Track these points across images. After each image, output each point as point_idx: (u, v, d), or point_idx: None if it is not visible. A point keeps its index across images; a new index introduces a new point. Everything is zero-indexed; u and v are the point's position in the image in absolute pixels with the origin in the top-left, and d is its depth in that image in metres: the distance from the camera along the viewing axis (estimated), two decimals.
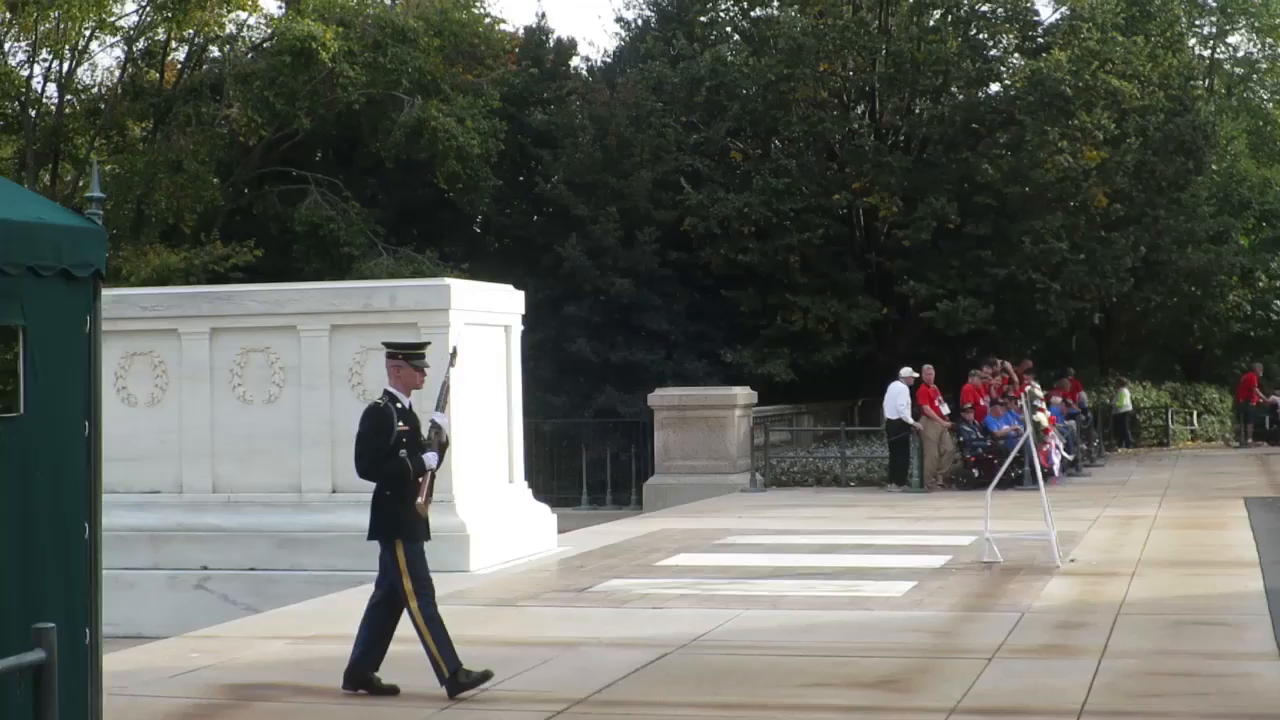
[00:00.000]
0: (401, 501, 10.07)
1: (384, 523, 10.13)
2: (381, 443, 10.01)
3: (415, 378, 10.26)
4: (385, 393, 10.24)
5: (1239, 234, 43.36)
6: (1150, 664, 10.65)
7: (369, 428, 10.09)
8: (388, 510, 10.12)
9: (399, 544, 10.04)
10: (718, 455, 28.55)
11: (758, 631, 12.40)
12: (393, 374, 10.26)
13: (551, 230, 36.03)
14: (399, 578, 10.00)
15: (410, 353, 10.35)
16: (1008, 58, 38.54)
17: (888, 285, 36.13)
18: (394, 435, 10.01)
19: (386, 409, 10.08)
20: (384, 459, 10.03)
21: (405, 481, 10.05)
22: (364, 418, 10.19)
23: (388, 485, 10.11)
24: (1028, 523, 18.39)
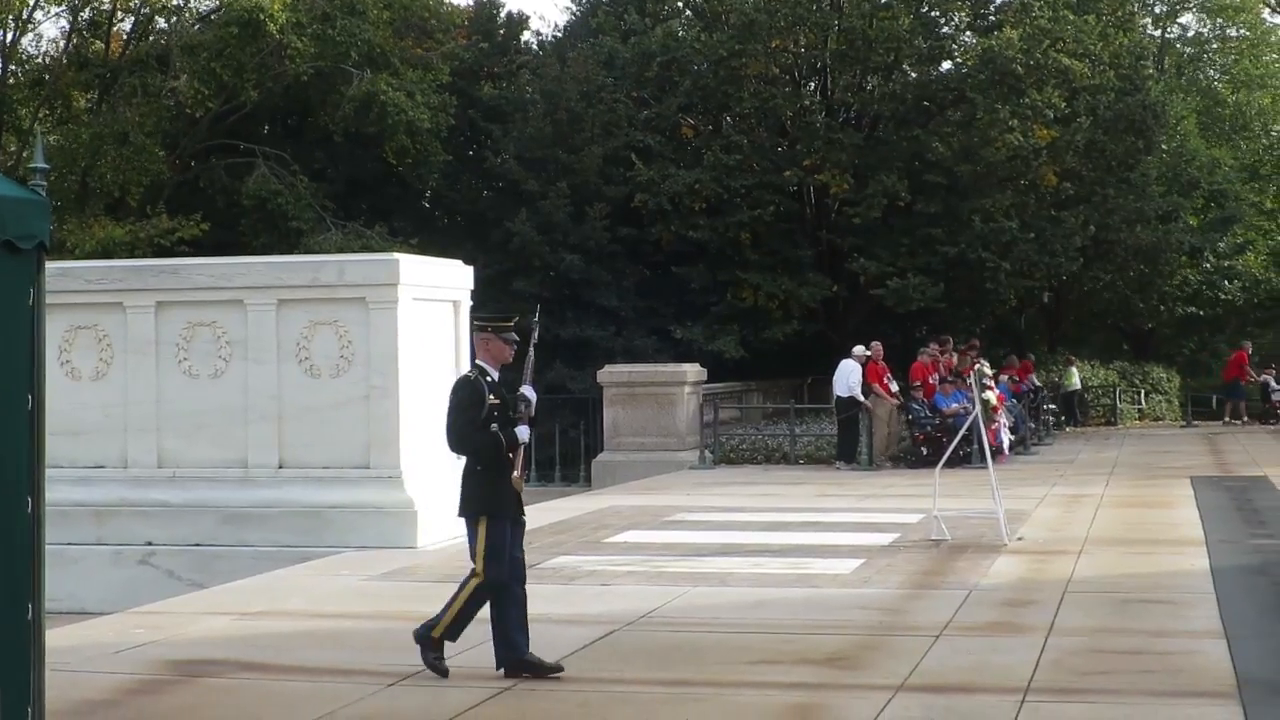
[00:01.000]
0: (491, 476, 9.80)
1: (472, 497, 9.87)
2: (473, 415, 9.71)
3: (504, 350, 9.96)
4: (475, 365, 9.97)
5: (1187, 213, 43.62)
6: (1096, 642, 10.66)
7: (460, 400, 9.79)
8: (477, 485, 9.86)
9: (483, 520, 9.77)
10: (667, 432, 28.52)
11: (706, 608, 12.37)
12: (481, 347, 9.95)
13: (501, 205, 35.90)
14: (475, 555, 9.78)
15: (499, 325, 10.00)
16: (959, 35, 38.60)
17: (838, 262, 36.16)
18: (485, 409, 9.74)
19: (478, 382, 9.80)
20: (476, 433, 9.74)
21: (497, 456, 9.79)
22: (455, 390, 9.91)
23: (478, 460, 9.84)
24: (976, 501, 18.45)
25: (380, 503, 16.47)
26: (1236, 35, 53.84)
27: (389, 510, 16.41)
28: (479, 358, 9.96)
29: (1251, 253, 47.39)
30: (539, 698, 9.37)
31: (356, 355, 16.74)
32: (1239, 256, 46.63)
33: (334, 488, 16.65)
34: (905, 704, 8.96)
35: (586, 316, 34.20)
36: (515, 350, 10.03)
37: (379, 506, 16.43)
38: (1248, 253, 47.18)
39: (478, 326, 10.05)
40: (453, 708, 9.06)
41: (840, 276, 36.12)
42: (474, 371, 9.90)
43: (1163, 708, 8.80)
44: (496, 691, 9.44)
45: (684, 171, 34.58)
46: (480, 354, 9.95)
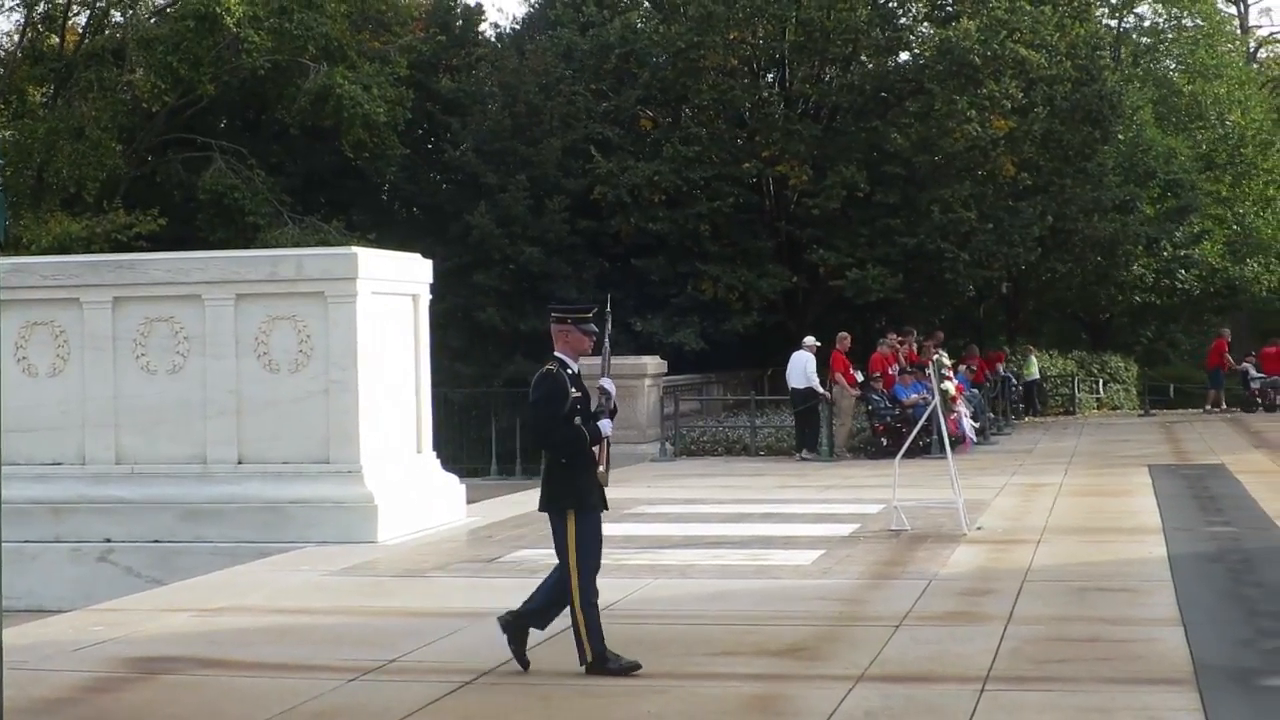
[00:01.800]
0: (576, 471, 9.67)
1: (557, 492, 9.71)
2: (557, 409, 9.57)
3: (583, 342, 9.83)
4: (554, 358, 9.75)
5: (1144, 203, 43.79)
6: (1055, 630, 10.72)
7: (543, 394, 9.64)
8: (562, 480, 9.71)
9: (571, 514, 9.62)
10: (627, 425, 28.46)
11: (666, 600, 12.39)
12: (560, 339, 9.81)
13: (460, 198, 35.83)
14: (565, 551, 9.64)
15: (579, 316, 9.90)
16: (917, 26, 38.63)
17: (797, 254, 36.20)
18: (568, 402, 9.62)
19: (559, 375, 9.63)
20: (560, 427, 9.61)
21: (581, 450, 9.66)
22: (537, 384, 9.73)
23: (562, 454, 9.69)
24: (935, 491, 18.53)
25: (340, 497, 16.43)
26: (1192, 25, 54.04)
27: (349, 505, 16.38)
28: (557, 349, 9.79)
29: (1208, 242, 47.61)
30: (500, 691, 9.38)
31: (315, 350, 16.70)
32: (1195, 246, 46.85)
33: (294, 483, 16.61)
34: (865, 694, 8.99)
35: (546, 309, 34.14)
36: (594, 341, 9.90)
37: (339, 501, 16.40)
38: (1204, 242, 47.40)
39: (556, 318, 9.89)
40: (413, 702, 9.05)
41: (800, 268, 36.16)
42: (554, 364, 9.70)
43: (1121, 695, 8.85)
44: (458, 685, 9.44)
45: (643, 164, 34.58)
46: (559, 346, 9.80)
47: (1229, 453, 25.74)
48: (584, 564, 9.59)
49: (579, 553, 9.59)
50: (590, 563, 9.64)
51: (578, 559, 9.58)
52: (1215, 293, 49.55)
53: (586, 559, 9.61)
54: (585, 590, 9.57)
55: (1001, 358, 39.33)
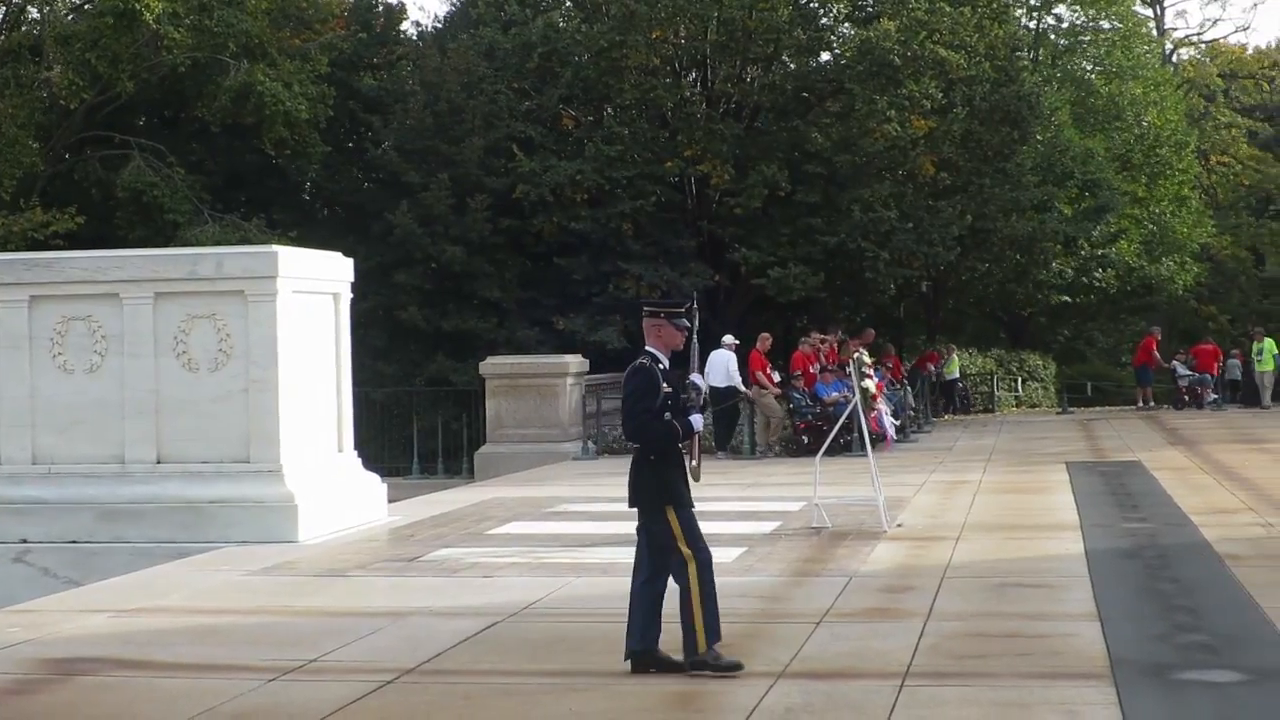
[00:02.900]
0: (668, 466, 9.59)
1: (650, 489, 9.60)
2: (650, 404, 9.48)
3: (676, 337, 9.71)
4: (647, 353, 9.67)
5: (1062, 203, 44.16)
6: (974, 626, 10.82)
7: (636, 388, 9.56)
8: (654, 475, 9.61)
9: (670, 510, 9.53)
10: (549, 423, 28.52)
11: (588, 599, 12.40)
12: (653, 334, 9.71)
13: (382, 197, 35.70)
14: (674, 543, 9.50)
15: (671, 311, 9.78)
16: (837, 27, 38.84)
17: (719, 253, 36.29)
18: (661, 397, 9.53)
19: (652, 370, 9.55)
20: (653, 422, 9.52)
21: (673, 445, 9.60)
22: (630, 378, 9.65)
23: (653, 449, 9.59)
24: (856, 488, 18.63)
25: (260, 497, 16.34)
26: (1109, 27, 54.48)
27: (269, 505, 16.30)
28: (649, 344, 9.72)
29: (1124, 241, 48.10)
30: (421, 690, 9.36)
31: (236, 349, 16.60)
32: (1112, 245, 47.33)
33: (213, 482, 16.51)
34: (786, 690, 9.04)
35: (468, 308, 34.09)
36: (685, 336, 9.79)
37: (259, 501, 16.31)
38: (1121, 241, 47.89)
39: (649, 313, 9.80)
40: (334, 701, 9.02)
41: (721, 266, 36.25)
42: (646, 359, 9.64)
43: (1038, 689, 8.94)
44: (379, 685, 9.41)
45: (565, 163, 34.57)
46: (651, 340, 9.73)
47: (1145, 450, 26.02)
48: (700, 553, 9.49)
49: (692, 543, 9.49)
50: (703, 549, 9.52)
51: (693, 549, 9.49)
52: (1132, 291, 50.10)
53: (702, 547, 9.51)
54: (703, 576, 9.49)
55: (936, 358, 39.70)
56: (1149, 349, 39.54)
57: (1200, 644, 10.01)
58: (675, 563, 9.52)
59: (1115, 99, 52.67)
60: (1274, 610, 11.03)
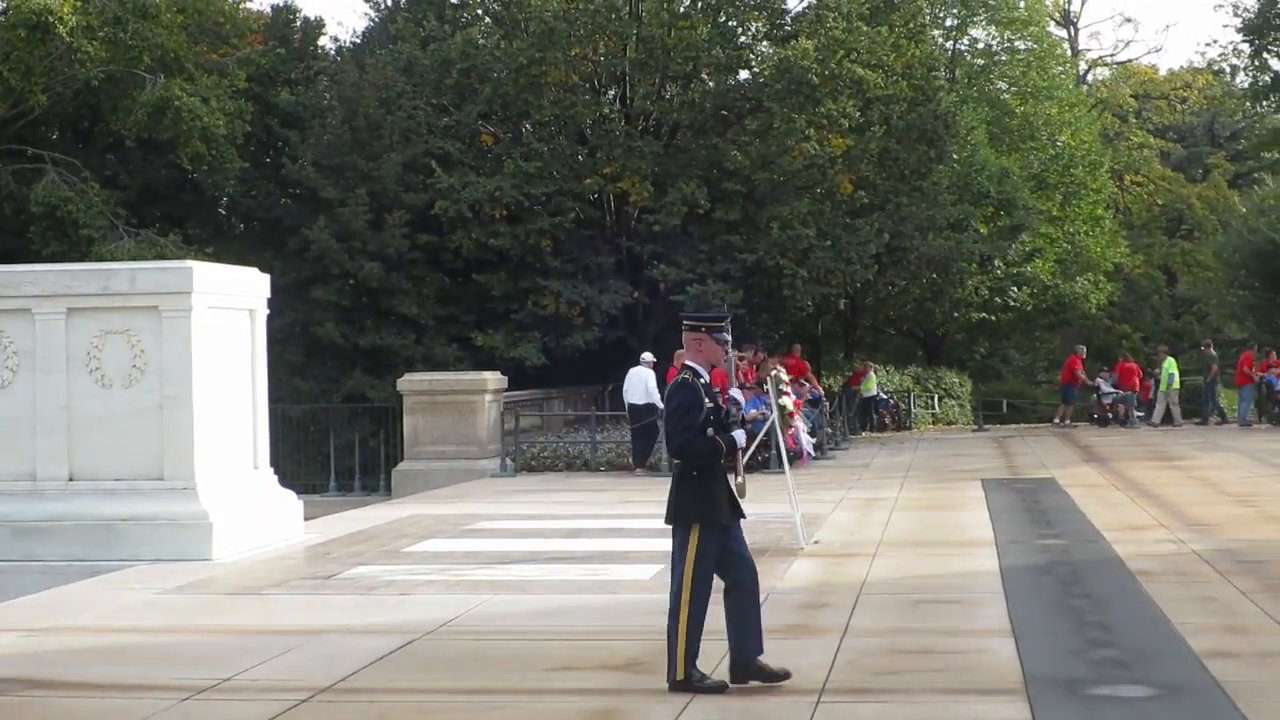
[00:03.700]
0: (706, 482, 9.47)
1: (687, 505, 9.48)
2: (693, 420, 9.40)
3: (717, 352, 9.65)
4: (687, 367, 9.60)
5: (978, 222, 44.51)
6: (890, 642, 10.88)
7: (680, 404, 9.45)
8: (692, 492, 9.47)
9: (695, 528, 9.41)
10: (467, 440, 28.46)
11: (506, 616, 12.37)
12: (693, 348, 9.63)
13: (299, 213, 35.50)
14: (683, 564, 9.40)
15: (712, 325, 9.70)
16: (756, 45, 38.97)
17: (638, 269, 36.31)
18: (704, 412, 9.44)
19: (694, 385, 9.48)
20: (697, 438, 9.41)
21: (716, 461, 9.49)
22: (673, 394, 9.54)
23: (696, 465, 9.46)
24: (773, 505, 18.65)
25: (174, 515, 16.21)
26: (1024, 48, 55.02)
27: (183, 522, 16.17)
28: (689, 359, 9.67)
29: (1040, 259, 48.56)
30: (336, 709, 9.31)
31: (150, 365, 16.48)
32: (1028, 263, 47.77)
33: (126, 500, 16.36)
34: (703, 707, 9.06)
35: (386, 324, 33.93)
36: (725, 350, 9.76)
37: (173, 519, 16.18)
38: (1036, 260, 48.34)
39: (690, 326, 9.73)
40: None
41: (640, 283, 36.26)
42: (689, 373, 9.57)
43: (953, 705, 9.00)
44: (293, 704, 9.35)
45: (484, 179, 34.48)
46: (691, 355, 9.67)
47: (1059, 467, 26.27)
48: (699, 581, 9.41)
49: (696, 568, 9.41)
50: (706, 581, 9.44)
51: (694, 574, 9.40)
52: (1047, 309, 50.58)
53: (703, 576, 9.42)
54: (695, 607, 9.38)
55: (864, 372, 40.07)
56: (1073, 368, 39.93)
57: (1112, 659, 10.11)
58: (676, 583, 9.46)
59: (1030, 119, 53.21)
60: (1184, 626, 11.16)
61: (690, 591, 9.36)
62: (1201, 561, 14.49)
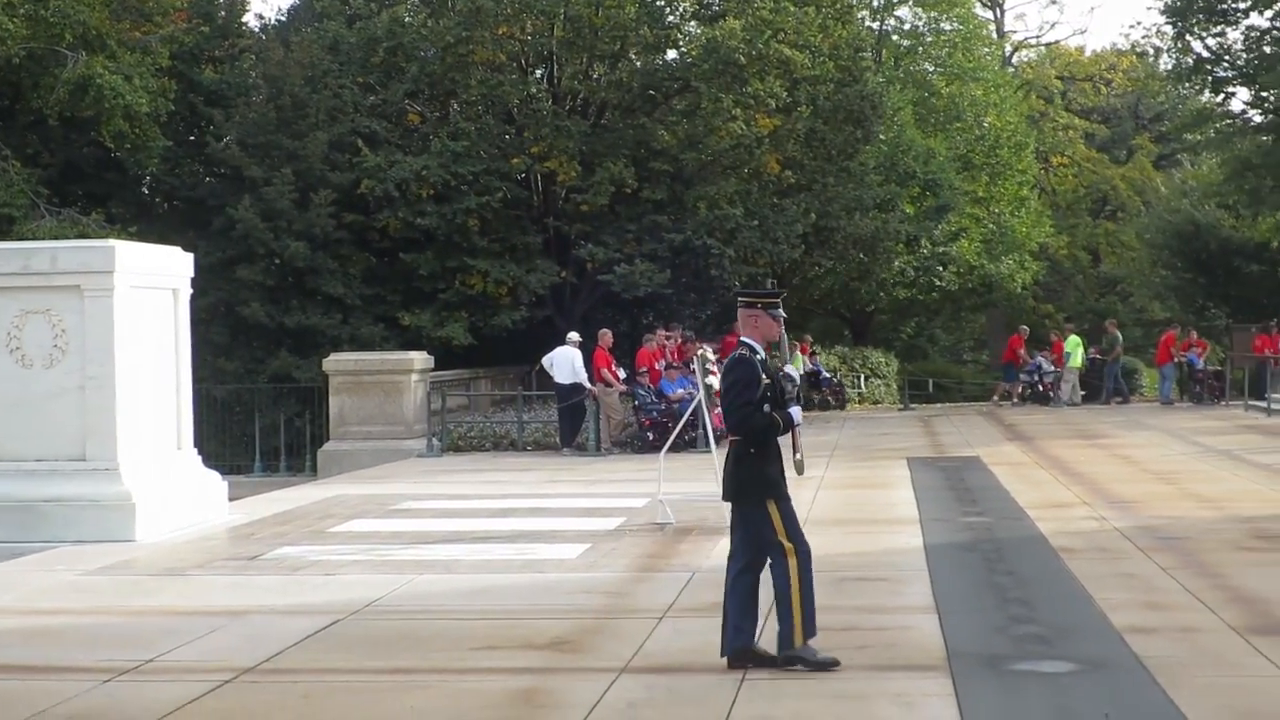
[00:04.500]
0: (766, 459, 9.42)
1: (750, 482, 9.42)
2: (751, 396, 9.32)
3: (773, 328, 9.56)
4: (744, 344, 9.50)
5: (904, 202, 44.73)
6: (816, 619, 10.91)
7: (738, 380, 9.38)
8: (751, 469, 9.43)
9: (772, 502, 9.37)
10: (394, 420, 28.37)
11: (431, 596, 12.35)
12: (749, 325, 9.54)
13: (224, 192, 35.22)
14: (774, 535, 9.32)
15: (768, 301, 9.62)
16: (684, 25, 38.93)
17: (565, 249, 36.27)
18: (761, 389, 9.36)
19: (753, 361, 9.39)
20: (756, 414, 9.35)
21: (774, 438, 9.44)
22: (730, 370, 9.48)
23: (753, 442, 9.40)
24: (700, 484, 18.73)
25: (97, 496, 16.07)
26: (950, 29, 55.27)
27: (106, 503, 16.04)
28: (745, 335, 9.58)
29: (965, 240, 48.84)
30: (260, 690, 9.27)
31: (71, 345, 16.32)
32: (953, 244, 48.05)
33: (48, 481, 16.22)
34: (628, 685, 9.08)
35: (312, 304, 33.72)
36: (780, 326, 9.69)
37: (95, 500, 16.04)
38: (961, 240, 48.62)
39: (746, 303, 9.66)
40: (171, 702, 8.91)
41: (568, 263, 36.22)
42: (745, 350, 9.49)
43: (877, 681, 9.06)
44: (217, 684, 9.31)
45: (411, 158, 34.30)
46: (747, 331, 9.58)
47: (984, 445, 26.46)
48: (800, 545, 9.38)
49: (792, 535, 9.38)
50: (806, 543, 9.42)
51: (794, 541, 9.37)
52: (972, 289, 50.91)
53: (800, 539, 9.40)
54: (804, 568, 9.35)
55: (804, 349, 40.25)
56: (1015, 347, 40.26)
57: (1035, 635, 10.21)
58: (775, 555, 9.40)
59: (956, 100, 53.47)
60: (1105, 602, 11.27)
61: (798, 559, 9.34)
62: (1123, 538, 14.65)
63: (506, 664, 9.78)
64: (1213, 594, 11.56)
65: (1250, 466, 21.77)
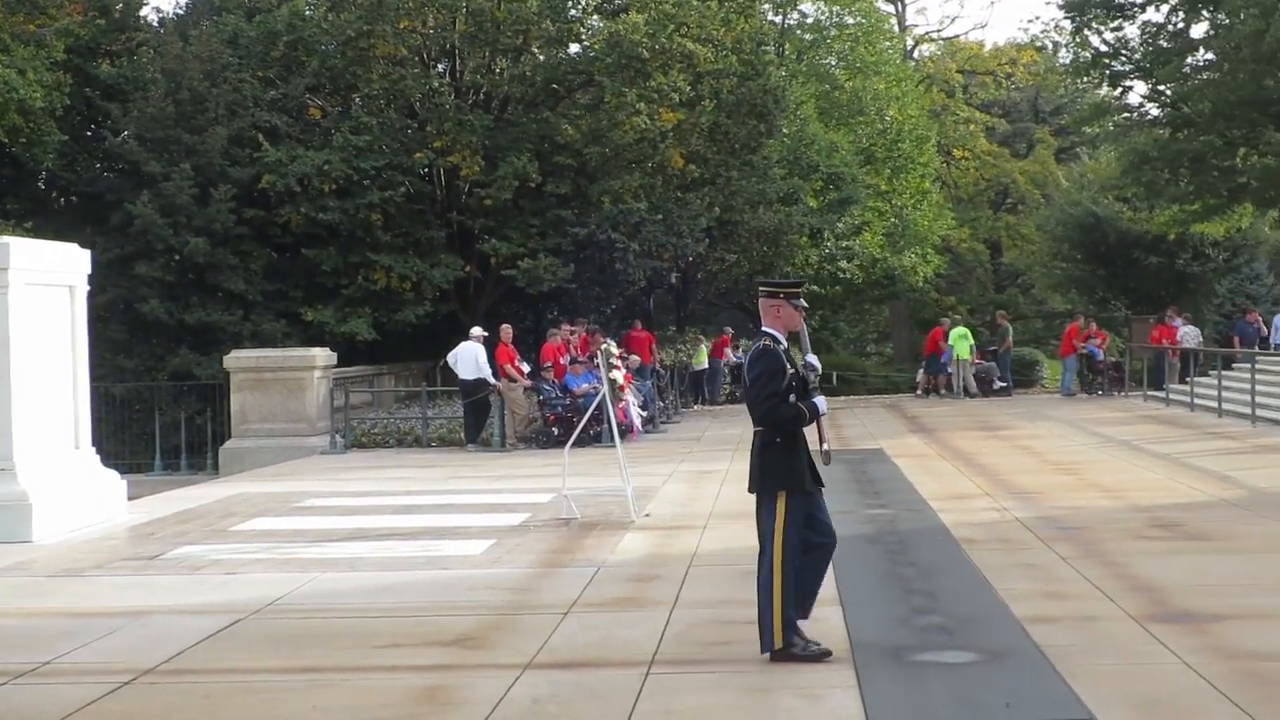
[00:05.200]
0: (792, 450, 9.38)
1: (771, 472, 9.40)
2: (776, 386, 9.29)
3: (795, 318, 9.52)
4: (766, 334, 9.46)
5: (807, 196, 44.92)
6: (719, 613, 10.94)
7: (764, 371, 9.32)
8: (775, 459, 9.40)
9: (782, 495, 9.33)
10: (296, 418, 28.16)
11: (334, 594, 12.26)
12: (771, 314, 9.50)
13: (122, 187, 34.79)
14: (772, 530, 9.32)
15: (790, 291, 9.58)
16: (587, 19, 38.88)
17: (470, 244, 36.13)
18: (786, 378, 9.32)
19: (777, 351, 9.35)
20: (782, 404, 9.31)
21: (799, 428, 9.39)
22: (755, 361, 9.40)
23: (778, 432, 9.37)
24: (605, 479, 18.74)
25: None
26: (853, 23, 55.60)
27: (2, 504, 15.80)
28: (767, 325, 9.54)
29: (868, 233, 49.17)
30: (160, 691, 9.16)
31: None
32: (856, 237, 48.34)
33: None
34: (533, 681, 9.05)
35: (212, 301, 33.37)
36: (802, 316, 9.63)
37: None
38: (865, 233, 48.94)
39: (768, 292, 9.62)
40: (69, 704, 8.78)
41: (472, 258, 36.07)
42: (768, 339, 9.45)
43: (781, 674, 9.08)
44: (116, 686, 9.19)
45: (313, 153, 34.02)
46: (768, 321, 9.55)
47: (887, 437, 26.62)
48: (790, 548, 9.34)
49: (786, 536, 9.35)
50: (796, 548, 9.37)
51: (784, 542, 9.34)
52: (875, 282, 51.25)
53: (793, 543, 9.36)
54: (788, 575, 9.30)
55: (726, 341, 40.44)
56: (936, 339, 40.58)
57: (937, 626, 10.27)
58: (765, 546, 9.43)
59: (859, 94, 53.80)
60: (1007, 592, 11.37)
61: (782, 559, 9.33)
62: (1024, 529, 14.78)
63: (411, 661, 9.72)
64: (1112, 583, 11.68)
65: (1149, 456, 22.04)
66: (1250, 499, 16.84)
